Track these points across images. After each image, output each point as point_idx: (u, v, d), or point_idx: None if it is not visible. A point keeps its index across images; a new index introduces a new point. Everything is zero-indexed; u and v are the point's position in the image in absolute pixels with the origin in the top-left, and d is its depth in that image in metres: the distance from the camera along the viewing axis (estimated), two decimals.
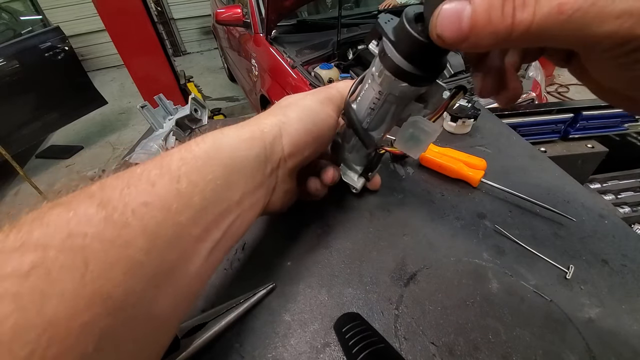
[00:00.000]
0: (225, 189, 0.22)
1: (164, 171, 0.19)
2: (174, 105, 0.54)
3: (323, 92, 0.30)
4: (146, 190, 0.18)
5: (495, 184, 0.39)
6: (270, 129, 0.26)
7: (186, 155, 0.21)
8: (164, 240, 0.17)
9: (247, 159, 0.24)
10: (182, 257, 0.19)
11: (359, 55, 1.56)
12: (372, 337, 0.23)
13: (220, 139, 0.23)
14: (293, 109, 0.28)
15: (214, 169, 0.21)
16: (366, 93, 0.28)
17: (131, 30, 2.10)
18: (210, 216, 0.20)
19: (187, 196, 0.19)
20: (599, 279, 0.29)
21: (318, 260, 0.32)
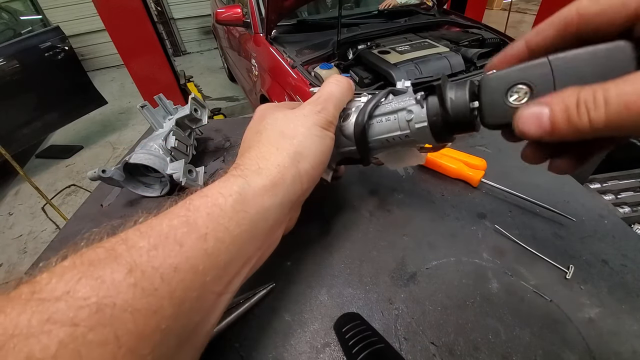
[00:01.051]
0: (249, 241, 0.21)
1: (191, 229, 0.18)
2: (174, 105, 0.53)
3: (324, 114, 0.28)
4: (174, 252, 0.17)
5: (495, 184, 0.39)
6: (288, 172, 0.25)
7: (213, 211, 0.20)
8: (190, 303, 0.17)
9: (272, 208, 0.23)
10: (205, 316, 0.18)
11: (359, 55, 1.56)
12: (372, 337, 0.23)
13: (245, 190, 0.22)
14: (303, 142, 0.26)
15: (241, 224, 0.21)
16: (387, 125, 0.28)
17: (131, 30, 2.10)
18: (233, 270, 0.20)
19: (213, 255, 0.19)
20: (599, 279, 0.29)
21: (318, 260, 0.32)
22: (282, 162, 0.25)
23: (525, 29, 3.59)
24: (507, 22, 2.62)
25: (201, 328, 0.18)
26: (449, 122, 0.24)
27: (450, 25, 1.97)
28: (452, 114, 0.23)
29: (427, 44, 1.59)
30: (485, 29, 1.81)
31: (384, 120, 0.28)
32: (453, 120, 0.24)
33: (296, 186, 0.25)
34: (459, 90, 0.23)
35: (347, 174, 0.43)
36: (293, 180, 0.25)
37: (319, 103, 0.29)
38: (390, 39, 1.69)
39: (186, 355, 0.18)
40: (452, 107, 0.23)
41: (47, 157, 2.66)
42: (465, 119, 0.23)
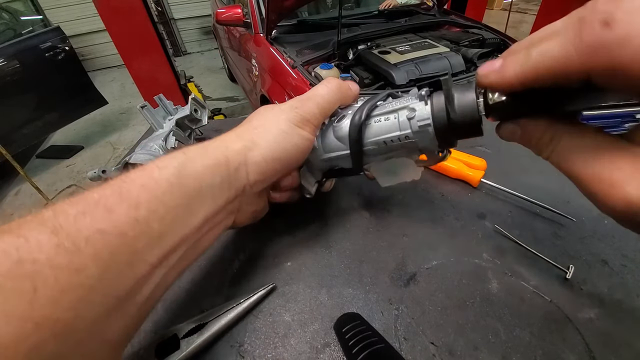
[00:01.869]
0: (186, 216, 0.21)
1: (122, 198, 0.19)
2: (174, 106, 0.54)
3: (300, 111, 0.28)
4: (102, 217, 0.17)
5: (495, 184, 0.39)
6: (235, 156, 0.25)
7: (147, 182, 0.20)
8: (118, 267, 0.17)
9: (210, 187, 0.23)
10: (137, 283, 0.18)
11: (359, 55, 1.56)
12: (372, 337, 0.23)
13: (183, 165, 0.22)
14: (262, 133, 0.26)
15: (175, 197, 0.21)
16: (386, 125, 0.27)
17: (131, 30, 2.10)
18: (168, 242, 0.20)
19: (145, 223, 0.19)
20: (599, 279, 0.29)
21: (318, 260, 0.32)
22: (232, 146, 0.25)
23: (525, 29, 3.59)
24: (507, 22, 2.62)
25: (133, 297, 0.18)
26: (455, 122, 0.23)
27: (451, 25, 1.97)
28: (458, 113, 0.22)
29: (427, 44, 1.59)
30: (486, 29, 1.81)
31: (382, 120, 0.27)
32: (460, 120, 0.22)
33: (240, 174, 0.25)
34: (465, 89, 0.22)
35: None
36: (238, 167, 0.25)
37: (299, 100, 0.29)
38: (390, 39, 1.69)
39: (117, 323, 0.18)
40: (458, 105, 0.22)
41: (47, 157, 2.67)
42: (473, 120, 0.22)
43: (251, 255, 0.33)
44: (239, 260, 0.33)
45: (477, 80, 0.18)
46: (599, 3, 0.12)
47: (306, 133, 0.28)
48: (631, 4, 0.11)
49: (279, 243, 0.34)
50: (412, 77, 1.39)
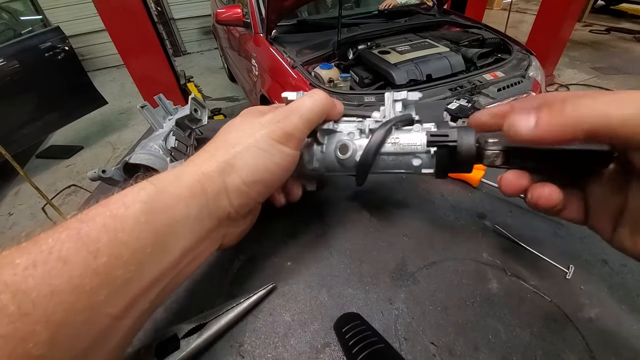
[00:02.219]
0: (157, 257, 0.19)
1: (79, 244, 0.16)
2: (174, 105, 0.53)
3: (282, 124, 0.25)
4: (55, 270, 0.15)
5: (496, 184, 0.38)
6: (212, 184, 0.22)
7: (110, 222, 0.18)
8: (74, 328, 0.15)
9: (185, 219, 0.21)
10: (97, 340, 0.16)
11: (359, 55, 1.56)
12: (372, 337, 0.23)
13: (153, 199, 0.20)
14: (240, 153, 0.24)
15: (143, 236, 0.18)
16: (391, 163, 0.29)
17: (131, 30, 2.10)
18: (134, 289, 0.18)
19: (105, 272, 0.16)
20: (599, 279, 0.29)
21: (318, 260, 0.32)
22: (208, 170, 0.23)
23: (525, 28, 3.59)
24: (507, 22, 2.62)
25: (95, 354, 0.16)
26: (452, 167, 0.27)
27: (451, 25, 1.97)
28: (459, 161, 0.26)
29: (427, 44, 1.59)
30: (486, 29, 1.81)
31: (387, 160, 0.29)
32: (458, 165, 0.26)
33: (221, 201, 0.23)
34: (467, 136, 0.25)
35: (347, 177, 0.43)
36: (217, 194, 0.22)
37: (281, 113, 0.26)
38: (390, 39, 1.69)
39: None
40: (462, 158, 0.26)
41: (47, 157, 2.67)
42: (469, 165, 0.26)
43: (251, 255, 0.33)
44: (239, 260, 0.33)
45: (509, 134, 0.19)
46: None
47: (288, 149, 0.25)
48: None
49: (279, 243, 0.34)
50: (412, 76, 1.39)
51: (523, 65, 1.52)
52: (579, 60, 3.46)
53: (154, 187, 0.20)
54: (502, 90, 1.35)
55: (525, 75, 1.46)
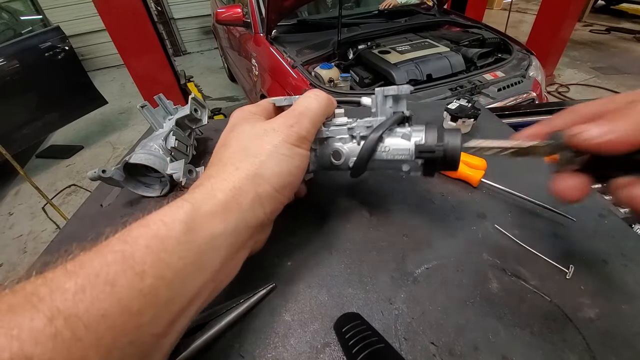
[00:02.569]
0: (197, 274, 0.19)
1: (126, 266, 0.17)
2: (174, 105, 0.53)
3: (296, 129, 0.26)
4: (104, 294, 0.15)
5: (495, 184, 0.39)
6: (246, 196, 0.23)
7: (152, 244, 0.18)
8: (122, 350, 0.16)
9: (223, 234, 0.21)
10: (140, 358, 0.17)
11: (359, 55, 1.56)
12: (372, 337, 0.23)
13: (192, 218, 0.20)
14: (265, 162, 0.24)
15: (185, 255, 0.19)
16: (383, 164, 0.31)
17: (131, 30, 2.10)
18: (176, 307, 0.18)
19: (151, 294, 0.17)
20: (599, 279, 0.29)
21: (318, 260, 0.32)
22: (239, 184, 0.23)
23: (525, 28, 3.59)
24: (507, 22, 2.63)
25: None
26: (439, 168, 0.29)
27: (451, 25, 1.97)
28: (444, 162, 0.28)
29: (427, 43, 1.59)
30: (486, 29, 1.81)
31: (378, 164, 0.31)
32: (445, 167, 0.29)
33: (256, 211, 0.23)
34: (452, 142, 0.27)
35: (346, 173, 0.43)
36: (252, 205, 0.23)
37: (292, 116, 0.27)
38: (390, 38, 1.69)
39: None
40: (448, 162, 0.28)
41: (47, 157, 2.67)
42: (454, 166, 0.28)
43: (251, 255, 0.33)
44: None
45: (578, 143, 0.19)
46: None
47: (304, 151, 0.27)
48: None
49: (279, 243, 0.34)
50: (412, 76, 1.39)
51: (523, 65, 1.52)
52: (579, 60, 3.46)
53: (191, 205, 0.21)
54: (502, 90, 1.35)
55: (526, 75, 1.46)
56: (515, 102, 1.34)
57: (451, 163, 0.28)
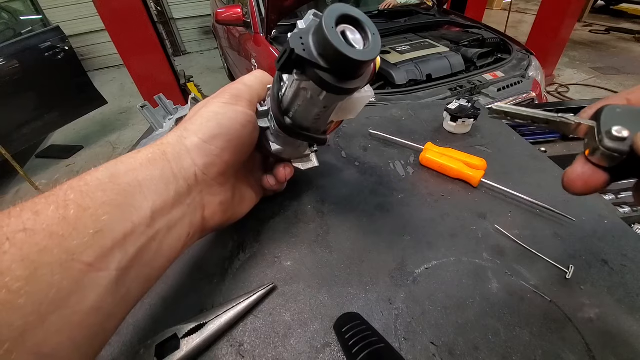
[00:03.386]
0: (125, 212, 0.20)
1: (50, 200, 0.18)
2: (174, 105, 0.54)
3: (227, 91, 0.29)
4: (30, 220, 0.17)
5: (495, 184, 0.39)
6: (171, 147, 0.25)
7: (76, 184, 0.19)
8: (49, 268, 0.16)
9: (150, 181, 0.22)
10: (75, 287, 0.17)
11: None
12: (372, 337, 0.23)
13: (114, 166, 0.22)
14: (194, 119, 0.27)
15: (108, 193, 0.20)
16: (304, 109, 0.26)
17: (131, 30, 2.10)
18: (107, 240, 0.19)
19: (75, 221, 0.18)
20: (599, 279, 0.29)
21: (318, 260, 0.32)
22: (166, 140, 0.25)
23: (525, 28, 3.59)
24: (507, 22, 2.63)
25: (75, 303, 0.17)
26: (341, 74, 0.21)
27: (450, 25, 1.97)
28: (334, 68, 0.21)
29: (427, 43, 1.60)
30: (485, 29, 1.81)
31: (297, 108, 0.26)
32: (342, 71, 0.21)
33: (184, 161, 0.25)
34: (319, 36, 0.20)
35: (346, 173, 0.43)
36: (178, 155, 0.24)
37: (228, 85, 0.30)
38: (390, 39, 1.69)
39: (57, 335, 0.16)
40: (329, 63, 0.20)
41: (47, 157, 2.66)
42: (353, 62, 0.20)
43: (251, 255, 0.33)
44: (239, 260, 0.33)
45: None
46: None
47: (240, 107, 0.28)
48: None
49: (279, 243, 0.34)
50: (412, 77, 1.39)
51: (523, 65, 1.52)
52: (579, 60, 3.47)
53: (117, 159, 0.23)
54: (502, 90, 1.35)
55: (525, 75, 1.46)
56: (515, 102, 1.34)
57: (342, 70, 0.20)
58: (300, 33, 0.21)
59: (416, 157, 0.45)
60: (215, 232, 0.36)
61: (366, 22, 0.22)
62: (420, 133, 0.51)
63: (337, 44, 0.19)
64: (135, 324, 0.28)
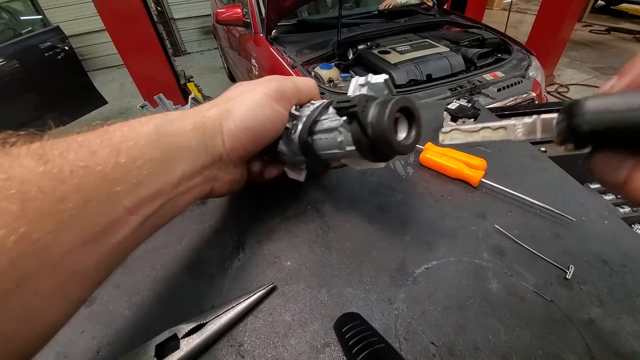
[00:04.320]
0: (162, 171, 0.22)
1: (105, 143, 0.20)
2: (174, 105, 0.54)
3: (275, 83, 0.29)
4: (85, 156, 0.19)
5: (495, 184, 0.39)
6: (212, 124, 0.26)
7: (129, 134, 0.21)
8: (97, 203, 0.18)
9: (187, 148, 0.24)
10: (111, 224, 0.19)
11: (359, 55, 1.56)
12: (372, 337, 0.23)
13: (164, 125, 0.24)
14: (237, 103, 0.28)
15: (154, 151, 0.22)
16: (327, 142, 0.28)
17: (131, 30, 2.10)
18: (144, 192, 0.21)
19: (124, 168, 0.20)
20: (599, 279, 0.29)
21: (318, 260, 0.32)
22: (209, 114, 0.27)
23: (525, 28, 3.59)
24: (507, 22, 2.62)
25: (107, 236, 0.19)
26: (374, 147, 0.24)
27: (450, 25, 1.97)
28: (374, 140, 0.23)
29: (427, 43, 1.60)
30: (486, 29, 1.81)
31: (323, 138, 0.28)
32: (377, 146, 0.23)
33: (216, 140, 0.26)
34: (379, 112, 0.22)
35: (346, 174, 0.43)
36: (214, 133, 0.26)
37: (278, 76, 0.31)
38: (390, 39, 1.69)
39: (89, 258, 0.19)
40: (373, 133, 0.22)
41: None
42: (389, 146, 0.22)
43: (251, 255, 0.33)
44: (239, 260, 0.33)
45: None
46: None
47: (279, 107, 0.29)
48: None
49: (279, 243, 0.34)
50: (412, 76, 1.39)
51: (523, 65, 1.52)
52: (579, 60, 3.47)
53: (164, 117, 0.24)
54: (502, 90, 1.35)
55: (525, 75, 1.46)
56: (515, 102, 1.34)
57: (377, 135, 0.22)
58: (367, 97, 0.24)
59: (416, 157, 0.45)
60: (215, 232, 0.36)
61: (417, 121, 0.25)
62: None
63: (388, 132, 0.22)
64: (135, 324, 0.28)
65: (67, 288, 0.18)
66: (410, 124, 0.25)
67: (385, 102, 0.22)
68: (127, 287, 0.31)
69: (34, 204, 0.16)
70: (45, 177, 0.16)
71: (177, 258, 0.33)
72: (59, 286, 0.17)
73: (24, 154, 0.17)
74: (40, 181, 0.16)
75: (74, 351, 0.26)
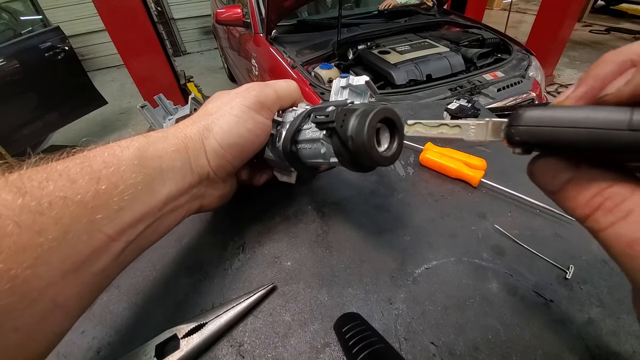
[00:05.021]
0: (146, 194, 0.22)
1: (85, 171, 0.20)
2: (174, 105, 0.54)
3: (254, 92, 0.28)
4: (65, 187, 0.18)
5: (495, 184, 0.39)
6: (192, 143, 0.26)
7: (109, 159, 0.21)
8: (77, 234, 0.18)
9: (171, 169, 0.24)
10: (93, 252, 0.19)
11: (359, 55, 1.56)
12: (372, 337, 0.23)
13: (145, 148, 0.23)
14: (217, 118, 0.27)
15: (136, 175, 0.22)
16: (311, 152, 0.28)
17: (131, 30, 2.09)
18: (127, 217, 0.21)
19: (105, 195, 0.20)
20: (599, 279, 0.29)
21: (318, 260, 0.32)
22: (189, 133, 0.26)
23: (525, 28, 3.60)
24: (507, 22, 2.63)
25: (88, 265, 0.19)
26: (356, 160, 0.23)
27: (450, 25, 1.97)
28: (354, 153, 0.22)
29: (427, 44, 1.60)
30: (485, 29, 1.81)
31: (307, 148, 0.28)
32: (358, 159, 0.23)
33: (200, 159, 0.26)
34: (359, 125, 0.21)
35: (346, 173, 0.43)
36: (197, 153, 0.26)
37: (256, 84, 0.29)
38: (390, 39, 1.69)
39: (71, 289, 0.18)
40: (353, 147, 0.22)
41: None
42: (370, 159, 0.22)
43: (251, 255, 0.33)
44: (239, 260, 0.33)
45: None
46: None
47: (261, 117, 0.28)
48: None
49: (279, 243, 0.34)
50: (412, 77, 1.39)
51: (523, 65, 1.52)
52: (579, 60, 3.46)
53: (146, 139, 0.24)
54: (502, 90, 1.35)
55: (525, 75, 1.46)
56: (515, 102, 1.34)
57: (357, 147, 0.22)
58: (346, 110, 0.23)
59: (416, 157, 0.45)
60: (215, 233, 0.36)
61: (399, 130, 0.24)
62: None
63: (368, 146, 0.21)
64: (135, 324, 0.28)
65: (48, 321, 0.17)
66: (393, 133, 0.24)
67: (364, 114, 0.22)
68: (127, 287, 0.31)
69: (11, 240, 0.15)
70: (23, 210, 0.16)
71: (177, 258, 0.33)
72: (39, 320, 0.17)
73: (1, 186, 0.17)
74: (18, 215, 0.16)
75: (74, 351, 0.26)
